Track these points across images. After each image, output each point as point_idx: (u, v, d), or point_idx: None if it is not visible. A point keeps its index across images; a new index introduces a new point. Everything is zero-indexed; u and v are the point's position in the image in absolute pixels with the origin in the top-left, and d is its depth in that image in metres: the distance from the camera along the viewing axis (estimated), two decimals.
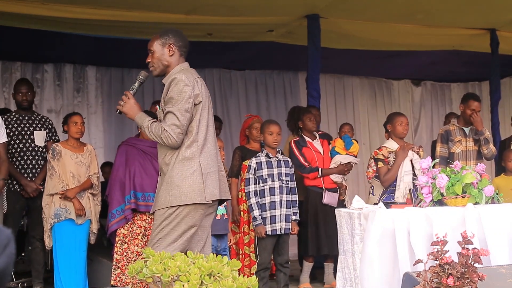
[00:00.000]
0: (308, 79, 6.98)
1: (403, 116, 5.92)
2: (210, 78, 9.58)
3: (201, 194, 3.79)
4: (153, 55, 3.99)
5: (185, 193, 3.76)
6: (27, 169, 5.88)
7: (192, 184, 3.77)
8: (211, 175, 3.85)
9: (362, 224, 3.99)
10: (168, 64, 4.00)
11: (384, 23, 7.28)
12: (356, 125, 10.33)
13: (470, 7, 6.89)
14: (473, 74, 10.50)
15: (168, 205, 3.79)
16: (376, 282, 3.80)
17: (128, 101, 3.99)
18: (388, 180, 5.61)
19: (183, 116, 3.78)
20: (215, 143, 4.00)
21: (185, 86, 3.82)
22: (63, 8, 6.19)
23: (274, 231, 5.47)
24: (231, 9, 6.57)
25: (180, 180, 3.77)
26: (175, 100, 3.80)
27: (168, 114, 3.81)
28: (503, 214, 4.03)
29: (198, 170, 3.80)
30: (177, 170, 3.80)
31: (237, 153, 6.33)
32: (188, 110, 3.81)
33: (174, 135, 3.77)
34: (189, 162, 3.80)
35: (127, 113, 3.99)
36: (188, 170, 3.78)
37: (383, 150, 5.71)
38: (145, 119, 3.92)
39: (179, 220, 3.78)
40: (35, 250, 5.92)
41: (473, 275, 2.99)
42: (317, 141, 6.38)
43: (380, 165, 5.65)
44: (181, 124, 3.77)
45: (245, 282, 2.87)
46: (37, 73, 8.68)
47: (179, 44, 4.05)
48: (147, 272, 2.98)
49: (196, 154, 3.82)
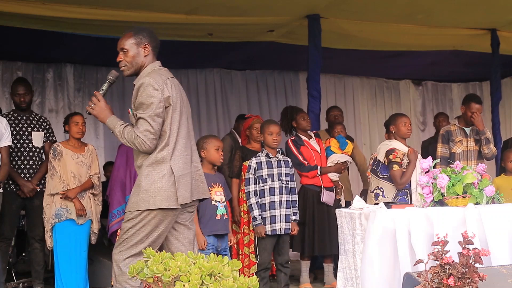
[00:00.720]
0: (309, 79, 6.98)
1: (406, 117, 5.92)
2: (210, 78, 9.58)
3: (170, 198, 3.75)
4: (127, 54, 3.90)
5: (153, 197, 3.73)
6: (24, 169, 5.86)
7: (160, 189, 3.74)
8: (182, 178, 3.81)
9: (363, 224, 4.00)
10: (142, 64, 3.93)
11: (385, 23, 7.28)
12: (357, 125, 10.33)
13: (471, 7, 6.89)
14: (473, 74, 10.50)
15: (136, 209, 3.76)
16: (377, 282, 3.80)
17: (98, 103, 3.91)
18: (405, 183, 5.63)
19: (155, 121, 3.74)
20: (188, 144, 3.93)
21: (153, 90, 3.76)
22: (63, 8, 6.19)
23: (274, 231, 5.46)
24: (231, 9, 6.57)
25: (149, 184, 3.74)
26: (146, 106, 3.74)
27: (140, 120, 3.75)
28: (504, 214, 4.03)
29: (168, 174, 3.76)
30: (146, 174, 3.76)
31: (237, 153, 6.33)
32: (160, 115, 3.77)
33: (148, 141, 3.74)
34: (160, 166, 3.77)
35: (97, 116, 3.92)
36: (157, 174, 3.75)
37: (398, 153, 5.70)
38: (117, 124, 3.85)
39: (145, 223, 3.75)
40: (35, 251, 5.92)
41: (473, 275, 2.99)
42: (313, 139, 6.39)
43: (395, 168, 5.63)
44: (154, 130, 3.74)
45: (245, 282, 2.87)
46: (38, 73, 8.68)
47: (154, 44, 4.00)
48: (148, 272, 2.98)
49: (167, 157, 3.79)
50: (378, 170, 5.85)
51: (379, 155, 5.89)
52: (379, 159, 5.87)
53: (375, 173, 5.86)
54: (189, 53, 8.31)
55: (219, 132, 9.23)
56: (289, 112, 6.54)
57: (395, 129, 5.83)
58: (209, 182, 5.14)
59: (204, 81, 9.54)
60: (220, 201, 5.12)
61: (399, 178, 5.62)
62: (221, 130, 9.37)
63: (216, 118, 9.53)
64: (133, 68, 3.93)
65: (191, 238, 4.00)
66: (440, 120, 8.04)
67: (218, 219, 5.09)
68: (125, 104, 8.43)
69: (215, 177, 5.21)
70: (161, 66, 4.02)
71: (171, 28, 7.04)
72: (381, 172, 5.81)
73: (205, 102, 9.52)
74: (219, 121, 9.54)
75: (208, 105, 9.52)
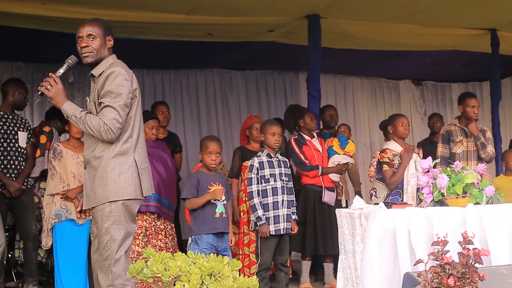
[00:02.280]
0: (309, 79, 6.97)
1: (403, 117, 5.93)
2: (210, 78, 9.58)
3: (137, 189, 3.77)
4: (94, 42, 3.85)
5: (123, 188, 3.73)
6: (10, 169, 5.80)
7: (128, 179, 3.75)
8: (145, 170, 3.84)
9: (363, 224, 4.00)
10: (103, 56, 3.91)
11: (385, 23, 7.28)
12: (357, 125, 10.33)
13: (471, 7, 6.89)
14: (473, 74, 10.50)
15: (106, 201, 3.74)
16: (377, 282, 3.80)
17: (55, 85, 3.84)
18: (395, 182, 5.63)
19: (123, 111, 3.74)
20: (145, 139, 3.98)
21: (124, 80, 3.76)
22: (63, 8, 6.19)
23: (277, 231, 5.46)
24: (231, 9, 6.57)
25: (117, 176, 3.74)
26: (115, 95, 3.72)
27: (108, 108, 3.71)
28: (504, 214, 4.03)
29: (133, 165, 3.77)
30: (113, 166, 3.74)
31: (237, 153, 6.33)
32: (128, 105, 3.78)
33: (115, 129, 3.71)
34: (125, 157, 3.77)
35: (52, 97, 3.83)
36: (124, 166, 3.75)
37: (388, 153, 5.71)
38: (76, 109, 3.79)
39: (120, 216, 3.74)
40: (28, 250, 5.85)
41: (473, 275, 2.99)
42: (315, 139, 6.38)
43: (385, 168, 5.65)
44: (122, 119, 3.73)
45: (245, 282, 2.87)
46: (38, 73, 8.68)
47: (114, 39, 4.00)
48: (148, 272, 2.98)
49: (131, 149, 3.79)
50: (376, 171, 5.90)
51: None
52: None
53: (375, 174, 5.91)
54: (189, 53, 8.31)
55: (219, 132, 9.24)
56: (297, 111, 6.51)
57: (392, 129, 5.84)
58: (208, 181, 5.15)
59: (204, 81, 9.54)
60: (219, 200, 5.11)
61: (388, 178, 5.64)
62: (220, 130, 9.38)
63: (216, 118, 9.53)
64: (96, 56, 3.89)
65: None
66: (434, 120, 8.06)
67: (217, 217, 5.08)
68: None
69: (214, 177, 5.22)
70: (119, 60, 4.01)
71: (171, 28, 7.05)
72: (378, 172, 5.84)
73: (205, 102, 9.52)
74: (218, 121, 9.54)
75: (208, 105, 9.53)
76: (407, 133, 5.85)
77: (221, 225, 5.11)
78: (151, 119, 5.87)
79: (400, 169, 5.64)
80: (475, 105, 6.23)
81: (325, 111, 7.29)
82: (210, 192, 5.07)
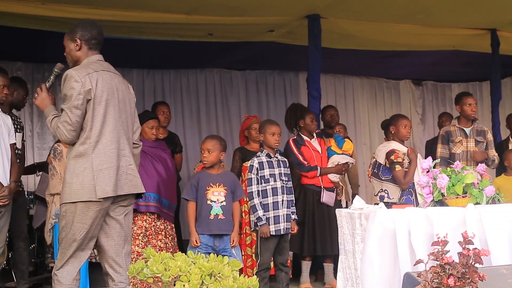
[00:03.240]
0: (309, 79, 6.97)
1: (406, 119, 5.93)
2: (210, 78, 9.57)
3: (91, 191, 3.75)
4: (66, 49, 4.06)
5: (75, 190, 3.75)
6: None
7: (82, 182, 3.75)
8: (104, 172, 3.79)
9: (363, 224, 4.00)
10: (76, 58, 4.02)
11: (385, 23, 7.28)
12: (357, 125, 10.32)
13: (471, 7, 6.89)
14: (473, 74, 10.49)
15: (62, 202, 3.82)
16: (377, 282, 3.80)
17: (40, 93, 4.03)
18: (408, 182, 5.65)
19: (72, 113, 3.78)
20: (116, 138, 3.88)
21: (74, 82, 3.81)
22: (63, 8, 6.19)
23: (278, 231, 5.46)
24: (231, 9, 6.57)
25: (71, 177, 3.78)
26: (67, 97, 3.82)
27: (62, 111, 3.84)
28: (504, 214, 4.03)
29: (89, 167, 3.77)
30: (70, 167, 3.81)
31: (237, 154, 6.33)
32: (78, 107, 3.79)
33: (66, 132, 3.79)
34: (82, 159, 3.79)
35: (39, 105, 4.03)
36: (80, 167, 3.77)
37: (399, 153, 5.71)
38: (49, 113, 3.94)
39: (72, 218, 3.76)
40: (18, 250, 5.82)
41: (473, 276, 2.99)
42: (314, 140, 6.38)
43: (398, 168, 5.64)
44: (71, 121, 3.78)
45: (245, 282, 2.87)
46: (38, 73, 8.68)
47: (86, 38, 4.02)
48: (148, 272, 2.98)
49: (89, 151, 3.79)
50: (379, 173, 5.84)
51: (379, 157, 5.89)
52: (379, 161, 5.87)
53: (377, 176, 5.85)
54: (189, 53, 8.31)
55: (219, 132, 9.22)
56: (299, 111, 6.50)
57: (394, 130, 5.83)
58: (208, 182, 5.14)
59: (204, 81, 9.54)
60: (216, 201, 5.10)
61: (402, 178, 5.63)
62: (220, 130, 9.37)
63: (215, 118, 9.53)
64: (72, 62, 4.06)
65: (122, 234, 3.95)
66: (443, 120, 8.04)
67: (211, 219, 5.07)
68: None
69: (217, 177, 5.19)
70: (100, 59, 4.03)
71: (171, 28, 7.05)
72: (383, 174, 5.80)
73: (205, 102, 9.52)
74: (218, 121, 9.53)
75: (208, 105, 9.52)
76: (409, 136, 5.86)
77: (215, 227, 5.08)
78: (151, 119, 5.87)
79: (412, 168, 5.65)
80: (472, 103, 6.24)
81: (325, 112, 7.30)
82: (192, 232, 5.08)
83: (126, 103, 4.02)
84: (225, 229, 5.14)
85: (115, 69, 4.10)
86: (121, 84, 4.03)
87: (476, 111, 6.29)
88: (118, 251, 3.93)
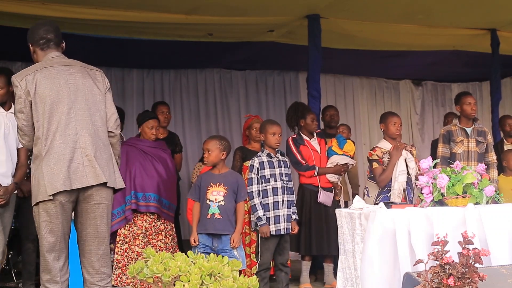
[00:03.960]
0: (309, 79, 6.97)
1: (396, 116, 5.88)
2: (210, 78, 9.58)
3: (45, 190, 3.74)
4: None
5: (35, 192, 3.78)
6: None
7: (38, 183, 3.76)
8: (52, 168, 3.71)
9: (363, 224, 4.00)
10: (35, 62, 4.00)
11: (385, 23, 7.28)
12: (357, 125, 10.33)
13: (471, 7, 6.89)
14: (473, 74, 10.50)
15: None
16: (377, 282, 3.80)
17: None
18: (384, 180, 5.60)
19: (18, 118, 3.82)
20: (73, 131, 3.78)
21: (14, 87, 3.83)
22: (63, 8, 6.19)
23: (278, 231, 5.46)
24: (231, 9, 6.57)
25: (33, 180, 3.81)
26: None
27: None
28: (504, 214, 4.03)
29: (42, 166, 3.75)
30: (32, 171, 3.84)
31: (237, 154, 6.32)
32: (21, 111, 3.79)
33: (20, 138, 3.89)
34: (37, 160, 3.80)
35: None
36: (38, 169, 3.78)
37: (377, 150, 5.70)
38: None
39: (39, 219, 3.80)
40: (27, 251, 5.82)
41: (473, 275, 2.99)
42: (314, 139, 6.38)
43: (374, 166, 5.64)
44: (19, 126, 3.83)
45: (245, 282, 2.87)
46: None
47: (35, 40, 4.00)
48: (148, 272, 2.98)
49: (42, 151, 3.76)
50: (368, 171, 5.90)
51: None
52: None
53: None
54: (189, 53, 8.31)
55: (219, 132, 9.23)
56: (300, 110, 6.49)
57: (384, 128, 5.81)
58: (209, 182, 5.14)
59: (204, 81, 9.54)
60: (214, 200, 5.09)
61: (377, 175, 5.61)
62: (220, 130, 9.37)
63: (215, 118, 9.53)
64: None
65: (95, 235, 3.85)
66: (449, 120, 8.02)
67: (208, 218, 5.07)
68: (125, 104, 8.44)
69: (218, 177, 5.17)
70: (54, 56, 3.98)
71: (171, 28, 7.05)
72: (370, 172, 5.84)
73: (204, 102, 9.52)
74: (218, 121, 9.54)
75: (207, 105, 9.53)
76: (398, 134, 5.78)
77: (211, 227, 5.06)
78: (151, 118, 5.87)
79: (389, 167, 5.60)
80: (472, 102, 6.24)
81: (325, 112, 7.30)
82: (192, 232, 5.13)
83: (88, 92, 3.91)
84: (221, 229, 5.08)
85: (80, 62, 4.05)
86: (77, 74, 3.94)
87: (476, 110, 6.29)
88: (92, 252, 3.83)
